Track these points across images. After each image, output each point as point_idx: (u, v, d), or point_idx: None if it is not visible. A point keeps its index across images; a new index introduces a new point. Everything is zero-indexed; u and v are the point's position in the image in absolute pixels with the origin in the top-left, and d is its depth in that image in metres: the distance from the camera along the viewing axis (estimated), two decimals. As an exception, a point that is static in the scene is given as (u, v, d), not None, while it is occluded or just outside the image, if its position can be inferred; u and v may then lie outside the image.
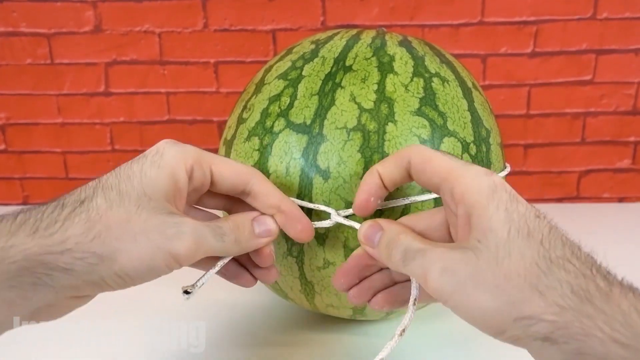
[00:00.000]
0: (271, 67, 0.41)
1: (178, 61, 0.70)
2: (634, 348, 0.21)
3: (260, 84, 0.40)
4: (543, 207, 0.28)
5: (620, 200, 0.76)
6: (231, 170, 0.31)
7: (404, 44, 0.40)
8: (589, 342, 0.22)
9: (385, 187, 0.30)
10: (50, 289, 0.25)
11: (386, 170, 0.30)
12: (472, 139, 0.38)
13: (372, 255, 0.31)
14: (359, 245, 0.35)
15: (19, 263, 0.24)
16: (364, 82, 0.36)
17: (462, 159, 0.37)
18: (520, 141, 0.73)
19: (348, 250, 0.36)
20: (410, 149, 0.30)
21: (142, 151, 0.34)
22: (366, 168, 0.34)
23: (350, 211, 0.33)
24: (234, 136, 0.40)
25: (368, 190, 0.30)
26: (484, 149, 0.39)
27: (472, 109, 0.39)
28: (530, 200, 0.28)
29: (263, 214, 0.32)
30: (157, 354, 0.41)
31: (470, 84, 0.41)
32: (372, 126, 0.35)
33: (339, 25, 0.68)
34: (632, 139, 0.73)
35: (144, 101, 0.72)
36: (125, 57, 0.70)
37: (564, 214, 0.70)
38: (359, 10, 0.68)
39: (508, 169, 0.43)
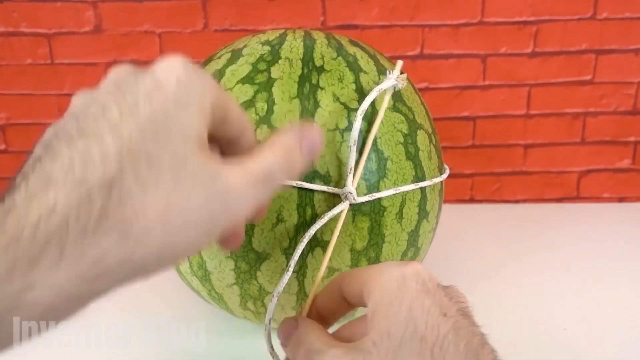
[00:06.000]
0: (220, 71, 0.38)
1: (178, 61, 0.70)
2: None
3: None
4: (543, 207, 0.28)
5: (620, 200, 0.75)
6: (240, 116, 0.25)
7: (354, 43, 0.41)
8: None
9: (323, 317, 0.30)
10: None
11: (323, 302, 0.29)
12: (431, 130, 0.40)
13: (286, 353, 0.28)
14: (365, 246, 0.35)
15: (42, 312, 0.18)
16: (342, 82, 0.36)
17: (430, 150, 0.38)
18: (520, 141, 0.73)
19: (355, 253, 0.35)
20: (339, 276, 0.29)
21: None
22: (366, 167, 0.35)
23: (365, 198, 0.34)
24: None
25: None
26: (436, 140, 0.41)
27: (422, 102, 0.41)
28: (530, 201, 0.28)
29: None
30: (157, 354, 0.41)
31: None
32: (362, 125, 0.35)
33: (339, 25, 0.68)
34: (632, 139, 0.73)
35: (144, 101, 0.72)
36: (125, 57, 0.70)
37: (564, 214, 0.70)
38: (359, 10, 0.68)
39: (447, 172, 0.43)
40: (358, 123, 0.34)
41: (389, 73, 0.36)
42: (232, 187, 0.21)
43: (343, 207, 0.33)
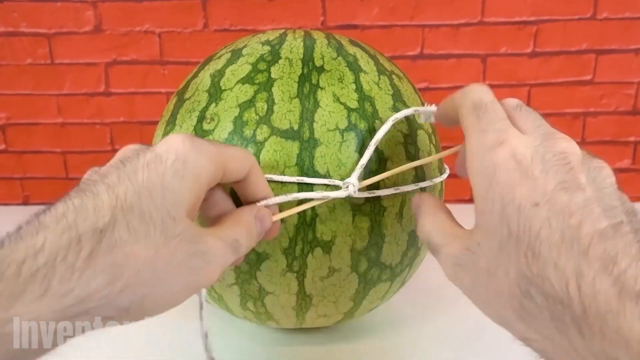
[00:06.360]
0: (220, 71, 0.38)
1: (178, 61, 0.70)
2: None
3: (215, 90, 0.37)
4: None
5: (621, 200, 0.75)
6: (240, 163, 0.28)
7: (354, 43, 0.41)
8: None
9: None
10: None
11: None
12: (431, 130, 0.40)
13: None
14: (365, 246, 0.35)
15: (19, 344, 0.19)
16: (342, 82, 0.36)
17: (430, 150, 0.38)
18: (520, 141, 0.73)
19: (355, 253, 0.35)
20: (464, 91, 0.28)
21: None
22: (366, 168, 0.35)
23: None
24: None
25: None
26: (436, 140, 0.41)
27: (422, 102, 0.41)
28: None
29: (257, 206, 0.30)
30: (158, 354, 0.41)
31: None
32: (362, 125, 0.35)
33: (339, 25, 0.68)
34: (632, 139, 0.73)
35: (144, 101, 0.72)
36: (125, 57, 0.70)
37: (564, 214, 0.70)
38: (359, 10, 0.68)
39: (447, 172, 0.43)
40: (387, 126, 0.34)
41: (433, 105, 0.36)
42: (210, 249, 0.25)
43: (340, 194, 0.33)
